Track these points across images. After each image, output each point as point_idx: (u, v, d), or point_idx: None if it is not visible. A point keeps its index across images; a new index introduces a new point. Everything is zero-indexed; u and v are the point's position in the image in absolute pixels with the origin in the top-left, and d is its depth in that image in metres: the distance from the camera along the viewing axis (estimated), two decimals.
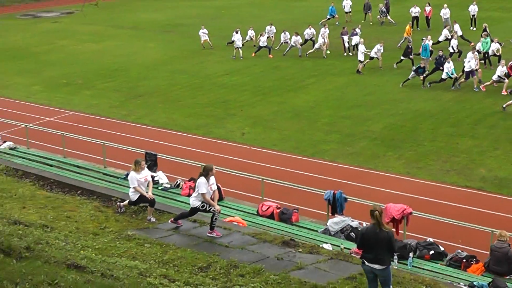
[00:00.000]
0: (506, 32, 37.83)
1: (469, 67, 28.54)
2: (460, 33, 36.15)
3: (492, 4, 47.58)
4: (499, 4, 48.35)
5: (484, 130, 23.93)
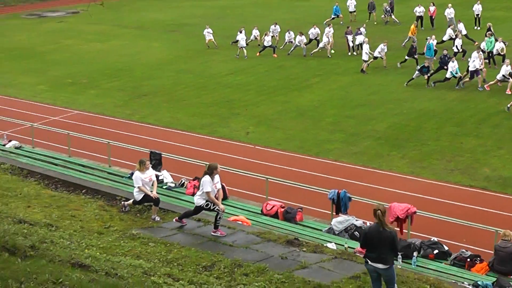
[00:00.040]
0: (510, 31, 37.75)
1: (473, 66, 28.49)
2: (464, 32, 36.08)
3: (496, 4, 47.46)
4: (503, 4, 48.22)
5: (488, 129, 23.91)
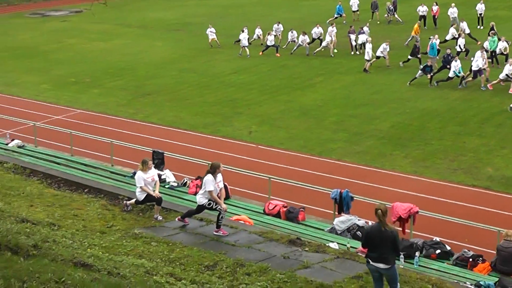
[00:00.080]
0: None
1: (476, 66, 28.45)
2: (467, 31, 36.06)
3: (499, 3, 47.35)
4: (506, 3, 48.09)
5: (492, 129, 23.87)
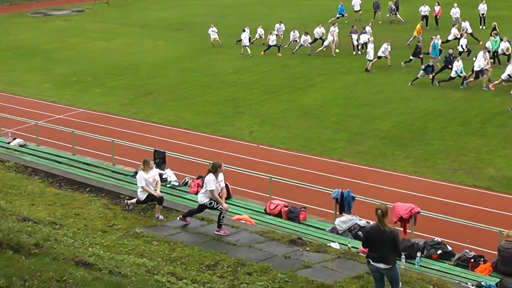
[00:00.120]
0: None
1: (478, 66, 28.43)
2: (470, 30, 36.06)
3: (501, 3, 47.33)
4: (508, 3, 48.04)
5: (493, 129, 23.86)
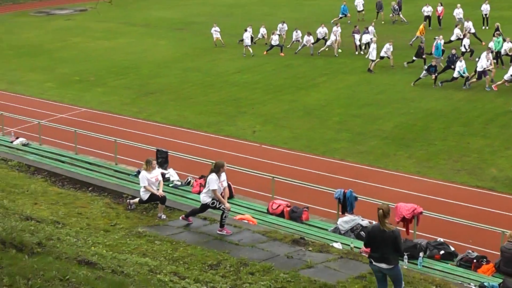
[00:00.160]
0: None
1: (481, 67, 28.40)
2: (473, 30, 36.03)
3: (504, 4, 47.28)
4: (511, 4, 48.03)
5: (496, 129, 23.84)
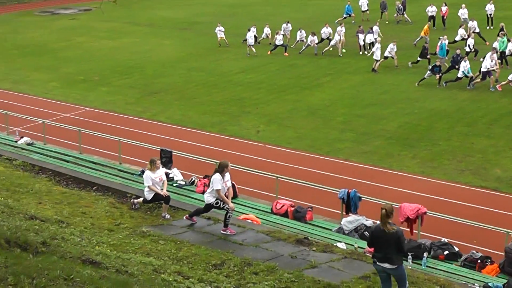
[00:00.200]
0: None
1: (485, 67, 28.34)
2: (477, 30, 35.97)
3: (509, 4, 47.14)
4: None
5: (500, 129, 23.79)
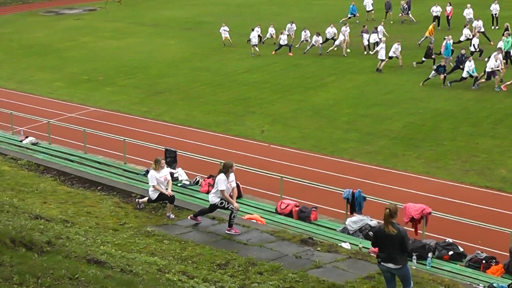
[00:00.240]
0: None
1: (489, 67, 28.28)
2: (482, 29, 35.90)
3: None
4: None
5: (505, 130, 23.74)
